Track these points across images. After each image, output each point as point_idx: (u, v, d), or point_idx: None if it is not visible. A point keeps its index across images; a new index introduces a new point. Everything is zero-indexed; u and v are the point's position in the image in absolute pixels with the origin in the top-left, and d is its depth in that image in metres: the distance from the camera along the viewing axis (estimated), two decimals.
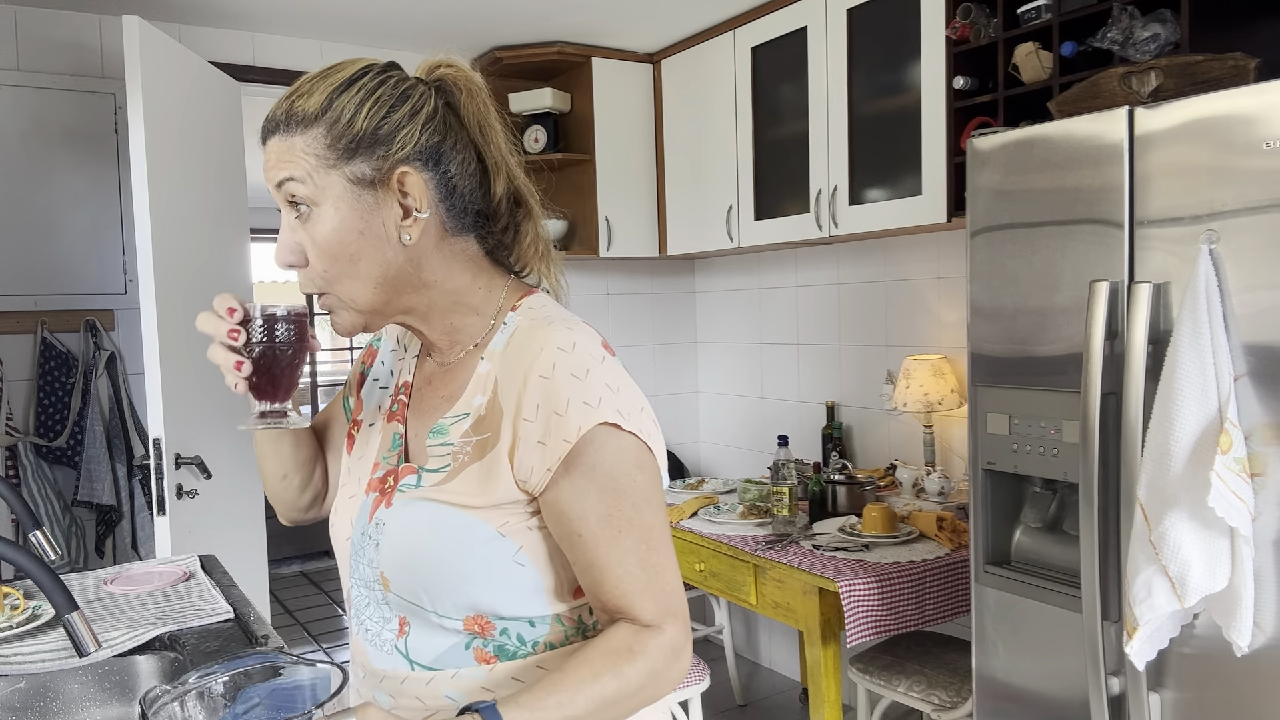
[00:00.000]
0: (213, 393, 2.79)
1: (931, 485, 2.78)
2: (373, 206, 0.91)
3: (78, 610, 1.08)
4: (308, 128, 0.90)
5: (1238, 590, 1.44)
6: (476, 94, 0.97)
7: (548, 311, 0.97)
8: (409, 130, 0.91)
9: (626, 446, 0.90)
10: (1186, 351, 1.46)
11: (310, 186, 0.90)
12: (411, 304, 0.96)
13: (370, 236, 0.91)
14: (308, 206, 0.91)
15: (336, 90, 0.90)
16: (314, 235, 0.91)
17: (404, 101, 0.92)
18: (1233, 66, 1.67)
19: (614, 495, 0.89)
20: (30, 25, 2.84)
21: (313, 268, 0.93)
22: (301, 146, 0.90)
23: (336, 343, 12.18)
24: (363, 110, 0.90)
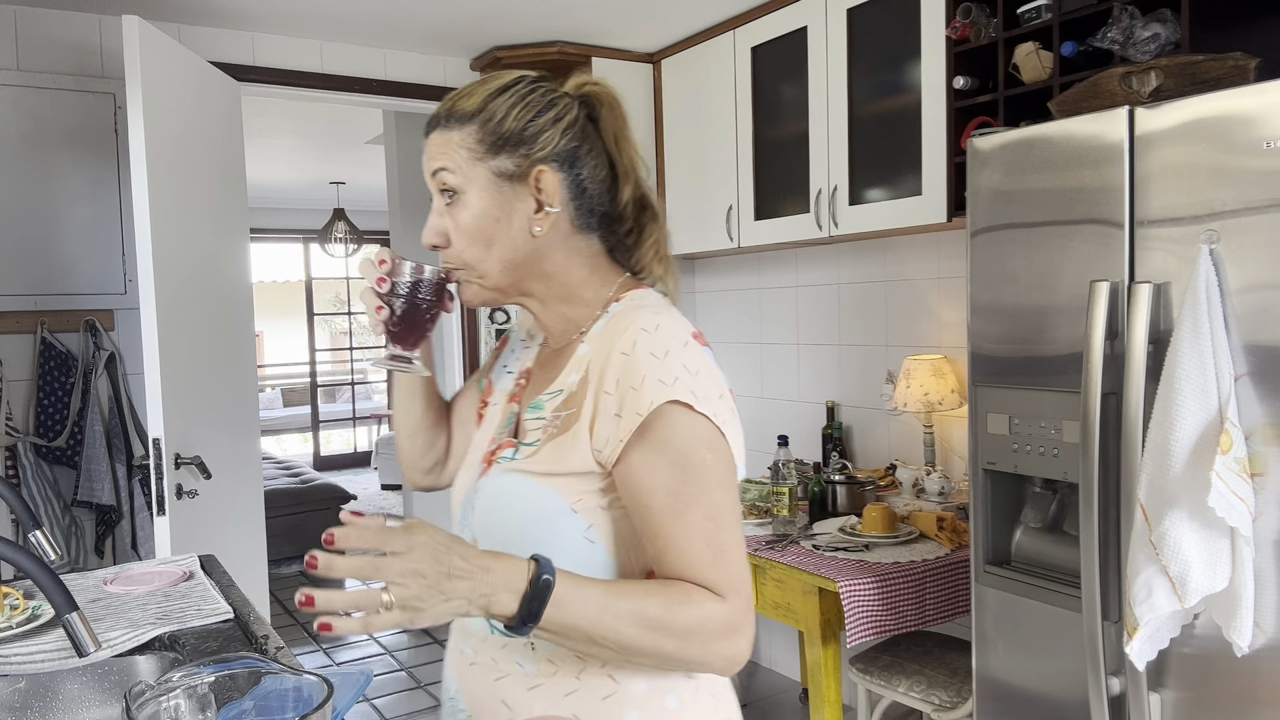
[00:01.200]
0: (213, 393, 2.79)
1: (931, 485, 2.78)
2: (511, 198, 1.01)
3: (77, 610, 1.08)
4: (464, 124, 1.01)
5: (1238, 590, 1.44)
6: (615, 109, 1.09)
7: (647, 300, 1.04)
8: (550, 134, 1.02)
9: (698, 426, 0.93)
10: (1187, 351, 1.45)
11: (459, 176, 1.01)
12: (532, 289, 1.06)
13: (505, 224, 1.01)
14: (455, 194, 1.02)
15: (493, 94, 1.02)
16: (458, 219, 1.02)
17: (550, 109, 1.03)
18: (1233, 66, 1.67)
19: (683, 471, 0.92)
20: (30, 25, 2.84)
21: (454, 248, 1.03)
22: (457, 140, 1.01)
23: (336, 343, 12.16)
24: (513, 113, 1.01)
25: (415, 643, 4.42)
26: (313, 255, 9.19)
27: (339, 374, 12.09)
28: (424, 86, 3.49)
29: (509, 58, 3.39)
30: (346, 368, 11.10)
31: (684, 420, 0.93)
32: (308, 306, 9.35)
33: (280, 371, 13.53)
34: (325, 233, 7.47)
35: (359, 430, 10.28)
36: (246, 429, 3.02)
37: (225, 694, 0.91)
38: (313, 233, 8.43)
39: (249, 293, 3.11)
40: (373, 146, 5.68)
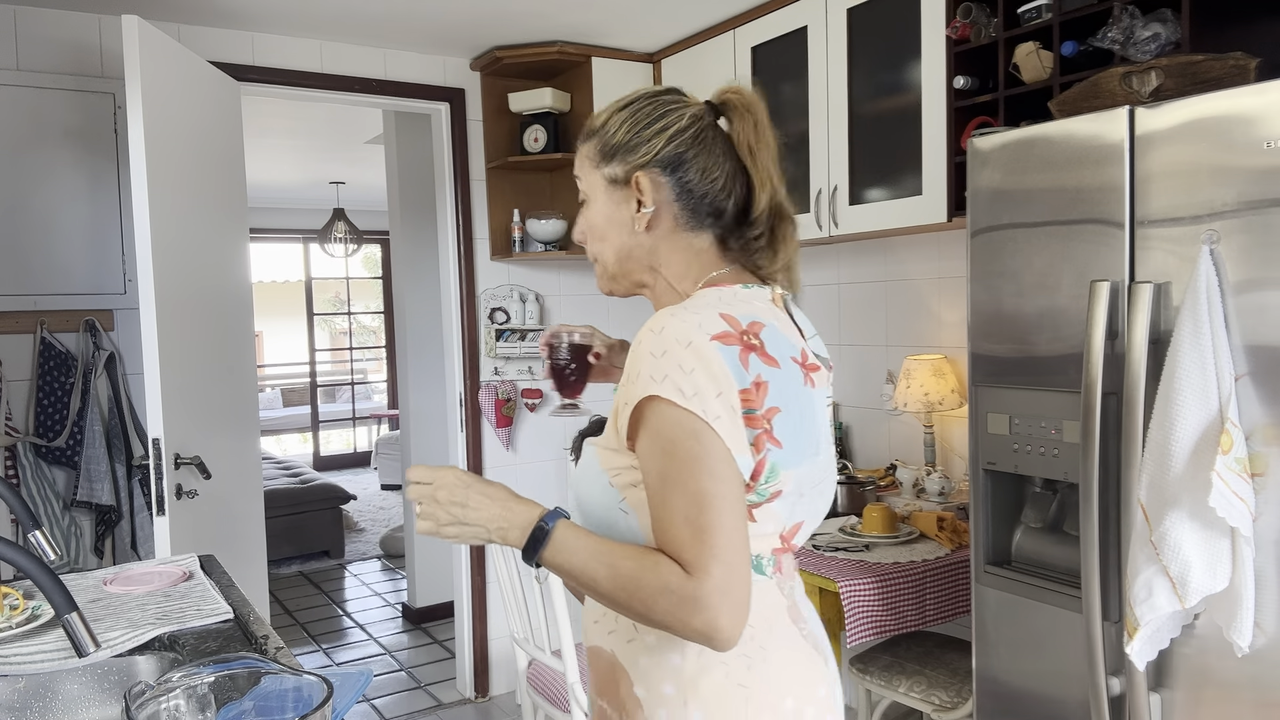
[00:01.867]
0: (212, 393, 2.79)
1: (932, 485, 2.78)
2: (619, 201, 1.19)
3: (77, 610, 1.08)
4: (589, 139, 1.22)
5: (1238, 590, 1.44)
6: (748, 117, 1.19)
7: (698, 301, 1.13)
8: (655, 143, 1.16)
9: (684, 419, 1.02)
10: (1187, 351, 1.45)
11: (585, 183, 1.23)
12: (643, 280, 1.23)
13: (615, 222, 1.20)
14: (584, 197, 1.23)
15: (615, 110, 1.21)
16: (586, 218, 1.23)
17: (660, 119, 1.17)
18: (1233, 66, 1.67)
19: (670, 458, 1.02)
20: (30, 25, 2.84)
21: (588, 243, 1.25)
22: (585, 153, 1.22)
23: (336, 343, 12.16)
24: (624, 126, 1.18)
25: (415, 643, 4.42)
26: (313, 255, 9.19)
27: (339, 374, 12.09)
28: (424, 86, 3.49)
29: (509, 57, 3.39)
30: (346, 368, 11.10)
31: (670, 414, 1.02)
32: (308, 306, 9.35)
33: (280, 371, 13.53)
34: (325, 233, 7.47)
35: (359, 430, 10.28)
36: (246, 429, 3.02)
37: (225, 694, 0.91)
38: (313, 233, 8.43)
39: (249, 293, 3.11)
40: (373, 146, 5.68)
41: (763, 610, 1.13)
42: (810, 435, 1.13)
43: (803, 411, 1.12)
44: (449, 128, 3.57)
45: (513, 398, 3.67)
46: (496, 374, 3.69)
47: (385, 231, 8.27)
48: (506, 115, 3.60)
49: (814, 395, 1.16)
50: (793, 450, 1.10)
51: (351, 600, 5.13)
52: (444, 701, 3.73)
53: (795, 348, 1.14)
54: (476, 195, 3.62)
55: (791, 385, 1.10)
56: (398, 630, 4.61)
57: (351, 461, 9.64)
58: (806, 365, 1.15)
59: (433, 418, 4.64)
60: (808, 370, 1.15)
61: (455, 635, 3.83)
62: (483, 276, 3.65)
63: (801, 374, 1.13)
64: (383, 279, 9.69)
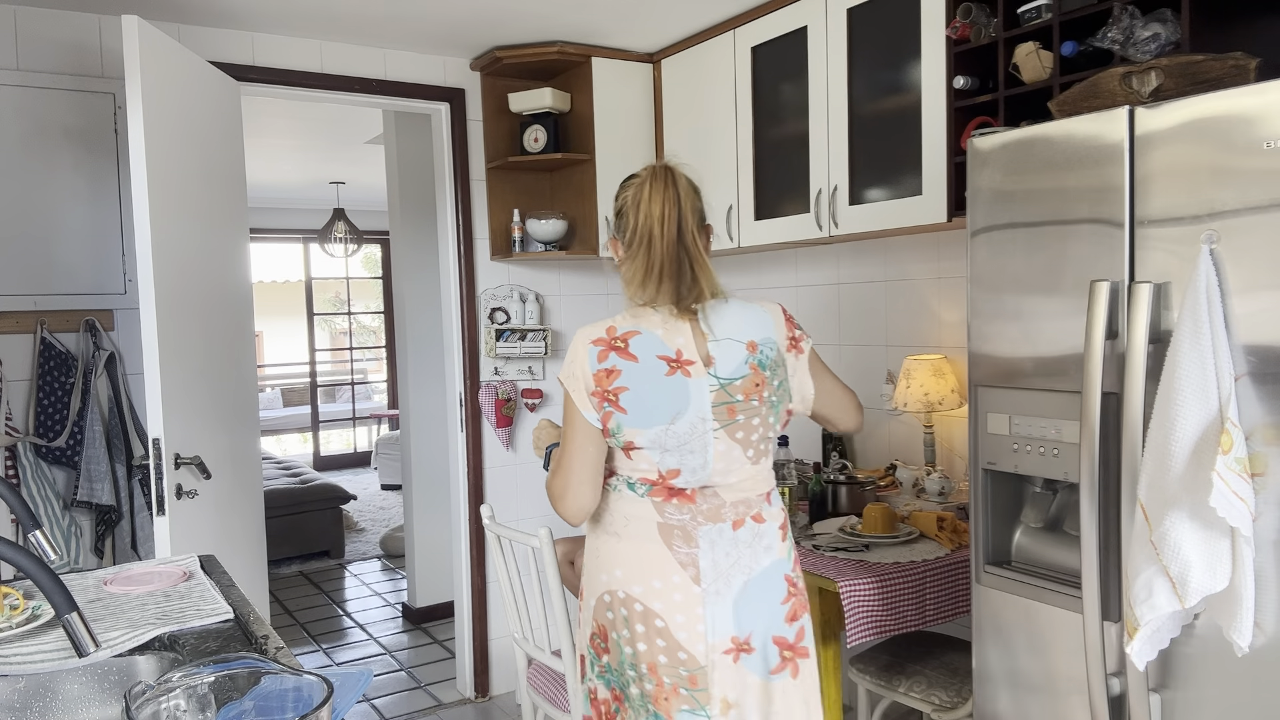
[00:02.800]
0: (213, 393, 2.79)
1: (932, 485, 2.78)
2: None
3: (77, 610, 1.08)
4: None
5: (1238, 590, 1.44)
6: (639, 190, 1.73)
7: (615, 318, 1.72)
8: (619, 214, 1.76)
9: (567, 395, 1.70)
10: (1187, 351, 1.45)
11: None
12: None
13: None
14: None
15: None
16: None
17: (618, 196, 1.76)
18: (1233, 66, 1.67)
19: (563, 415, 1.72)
20: (30, 25, 2.84)
21: None
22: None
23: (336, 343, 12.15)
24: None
25: (415, 643, 4.42)
26: (313, 255, 9.19)
27: (339, 374, 12.09)
28: (424, 86, 3.50)
29: (509, 57, 3.39)
30: (346, 368, 11.10)
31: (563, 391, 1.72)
32: (308, 306, 9.35)
33: (280, 371, 13.53)
34: (325, 233, 7.47)
35: (359, 430, 10.28)
36: (246, 429, 3.02)
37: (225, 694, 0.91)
38: (313, 233, 8.43)
39: (249, 292, 3.11)
40: (373, 146, 5.69)
41: (629, 513, 1.69)
42: (662, 409, 1.62)
43: (654, 392, 1.62)
44: (449, 128, 3.57)
45: (513, 397, 3.68)
46: (496, 374, 3.69)
47: (385, 231, 8.28)
48: (506, 115, 3.60)
49: (681, 382, 1.62)
50: (637, 417, 1.62)
51: (351, 600, 5.14)
52: (444, 701, 3.73)
53: (670, 349, 1.64)
54: (476, 195, 3.62)
55: (647, 373, 1.62)
56: (398, 630, 4.61)
57: (351, 461, 9.64)
58: (679, 362, 1.63)
59: (433, 418, 4.64)
60: (680, 365, 1.63)
61: (455, 635, 3.83)
62: (483, 276, 3.65)
63: (666, 367, 1.63)
64: (383, 279, 9.69)
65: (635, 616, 1.66)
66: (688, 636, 1.64)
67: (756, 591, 1.68)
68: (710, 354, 1.64)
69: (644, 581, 1.65)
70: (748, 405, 1.65)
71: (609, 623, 1.71)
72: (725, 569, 1.66)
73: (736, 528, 1.67)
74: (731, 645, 1.66)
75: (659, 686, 1.65)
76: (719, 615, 1.65)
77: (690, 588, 1.64)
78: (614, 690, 1.74)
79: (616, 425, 1.62)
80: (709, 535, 1.65)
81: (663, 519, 1.66)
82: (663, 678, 1.65)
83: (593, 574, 1.75)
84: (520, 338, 3.67)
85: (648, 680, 1.66)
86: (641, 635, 1.66)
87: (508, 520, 3.72)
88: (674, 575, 1.64)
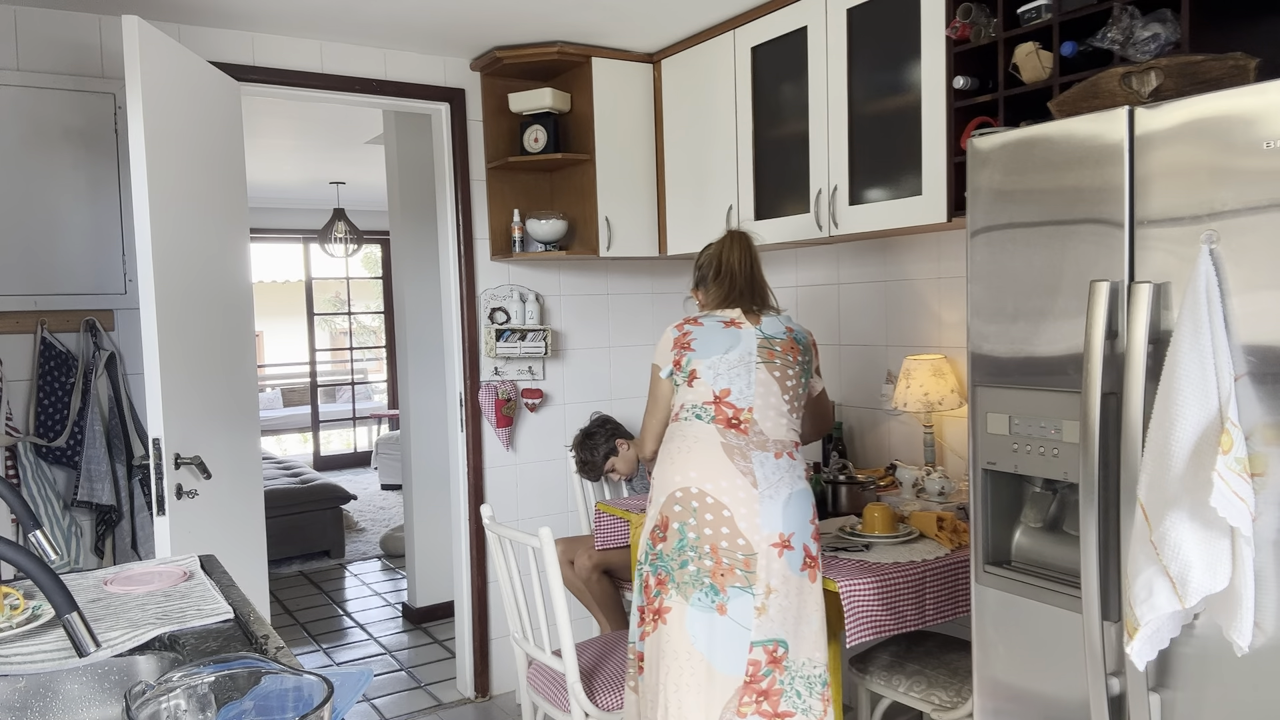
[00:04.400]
0: (213, 393, 2.79)
1: (931, 485, 2.78)
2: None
3: (77, 610, 1.08)
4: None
5: (1238, 590, 1.44)
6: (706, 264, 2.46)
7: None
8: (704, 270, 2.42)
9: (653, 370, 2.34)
10: (1187, 351, 1.45)
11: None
12: None
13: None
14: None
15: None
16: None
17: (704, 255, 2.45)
18: (1233, 66, 1.67)
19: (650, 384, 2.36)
20: (30, 25, 2.84)
21: None
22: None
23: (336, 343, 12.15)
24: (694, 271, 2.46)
25: (415, 643, 4.42)
26: (313, 255, 9.19)
27: (339, 374, 12.09)
28: (424, 86, 3.50)
29: (509, 58, 3.40)
30: (346, 368, 11.10)
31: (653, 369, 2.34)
32: (308, 306, 9.35)
33: (280, 371, 13.53)
34: (325, 233, 7.47)
35: (359, 430, 10.28)
36: (246, 429, 3.02)
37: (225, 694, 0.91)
38: (313, 233, 8.43)
39: (249, 293, 3.11)
40: (373, 146, 5.69)
41: (698, 434, 2.20)
42: (719, 344, 2.23)
43: (712, 337, 2.24)
44: (449, 128, 3.57)
45: (513, 397, 3.68)
46: (497, 374, 3.69)
47: (385, 231, 8.28)
48: (506, 115, 3.60)
49: (735, 331, 2.25)
50: (700, 351, 2.23)
51: (352, 600, 5.14)
52: (444, 701, 3.73)
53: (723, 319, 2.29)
54: (476, 195, 3.62)
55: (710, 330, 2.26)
56: (398, 630, 4.61)
57: (351, 461, 9.64)
58: (733, 322, 2.27)
59: (433, 418, 4.64)
60: (734, 323, 2.27)
61: (455, 635, 3.83)
62: (483, 276, 3.65)
63: (724, 324, 2.27)
64: (383, 279, 9.69)
65: (705, 507, 2.13)
66: (747, 526, 2.11)
67: (797, 503, 2.17)
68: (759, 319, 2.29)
69: (714, 480, 2.14)
70: (784, 357, 2.25)
71: (674, 514, 2.16)
72: (774, 481, 2.16)
73: (778, 457, 2.19)
74: (778, 540, 2.13)
75: (717, 564, 2.11)
76: (771, 513, 2.13)
77: (750, 489, 2.13)
78: (659, 575, 2.18)
79: (687, 360, 2.23)
80: (758, 458, 2.16)
81: (724, 440, 2.17)
82: (721, 558, 2.11)
83: (666, 476, 2.21)
84: (520, 338, 3.67)
85: (708, 558, 2.12)
86: (709, 522, 2.12)
87: (508, 520, 3.72)
88: (736, 479, 2.14)
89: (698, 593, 2.11)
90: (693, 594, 2.12)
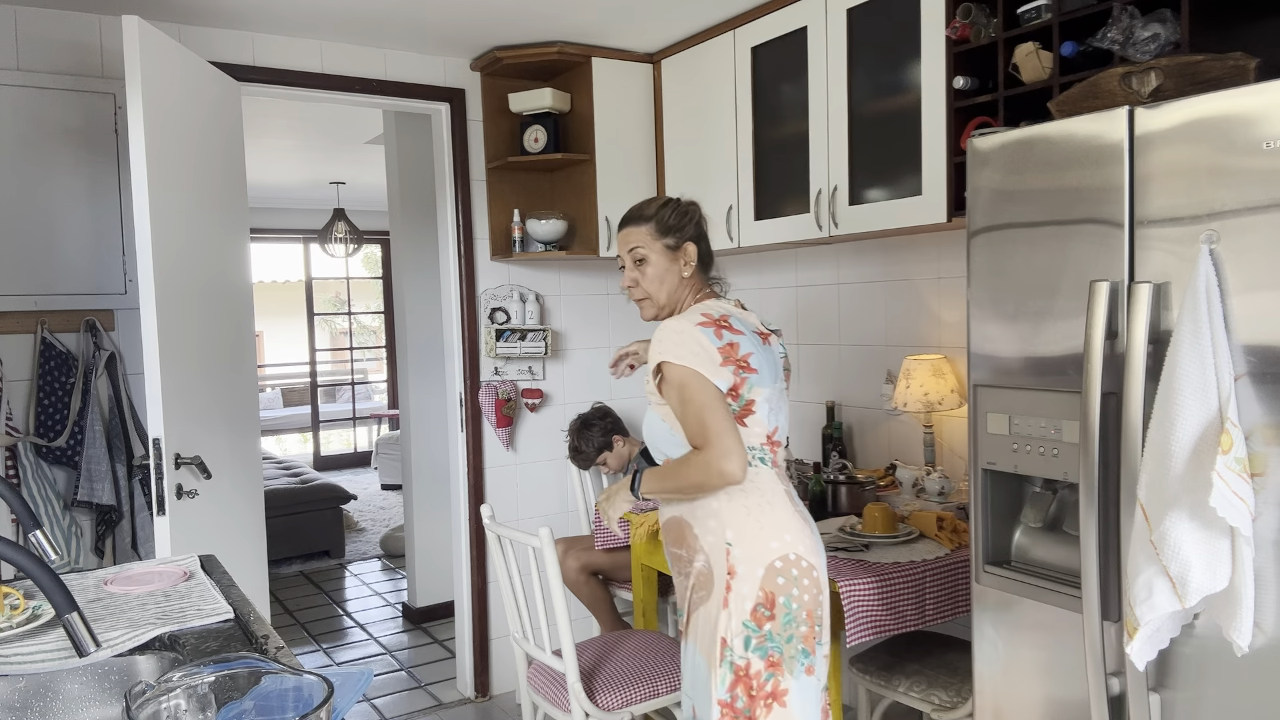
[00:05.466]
0: (213, 393, 2.79)
1: (931, 485, 2.78)
2: (671, 260, 2.00)
3: (77, 610, 1.08)
4: (645, 222, 2.00)
5: (1238, 590, 1.44)
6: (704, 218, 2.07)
7: (697, 308, 1.96)
8: (689, 228, 2.01)
9: (681, 370, 1.85)
10: (1187, 351, 1.45)
11: (648, 251, 1.99)
12: (674, 307, 2.02)
13: (669, 273, 2.00)
14: (645, 260, 1.99)
15: (660, 206, 2.02)
16: (647, 273, 2.00)
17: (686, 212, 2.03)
18: (1233, 66, 1.67)
19: (680, 387, 1.85)
20: (30, 25, 2.84)
21: (644, 288, 2.01)
22: (645, 231, 2.00)
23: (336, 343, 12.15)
24: (671, 216, 2.01)
25: (415, 643, 4.42)
26: (313, 255, 9.19)
27: (339, 374, 12.09)
28: (424, 86, 3.50)
29: (509, 58, 3.39)
30: (346, 368, 11.10)
31: (673, 370, 1.86)
32: (308, 306, 9.35)
33: (280, 371, 13.53)
34: (325, 233, 7.47)
35: (359, 430, 10.28)
36: (246, 429, 3.02)
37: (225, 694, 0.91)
38: (313, 233, 8.42)
39: (249, 293, 3.11)
40: (373, 146, 5.68)
41: (764, 486, 1.90)
42: (771, 370, 1.94)
43: (765, 356, 1.93)
44: (449, 128, 3.57)
45: (513, 397, 3.68)
46: (497, 374, 3.69)
47: (385, 231, 8.27)
48: (506, 115, 3.60)
49: (771, 349, 1.97)
50: (762, 376, 1.90)
51: (352, 600, 5.14)
52: (444, 701, 3.73)
53: (752, 326, 1.98)
54: (476, 195, 3.62)
55: (755, 343, 1.93)
56: (398, 630, 4.61)
57: (352, 461, 9.63)
58: (762, 333, 1.99)
59: (433, 418, 4.64)
60: (763, 336, 1.99)
61: (455, 635, 3.83)
62: (483, 276, 3.65)
63: (759, 339, 1.96)
64: (383, 279, 9.69)
65: (803, 572, 1.88)
66: (822, 576, 1.93)
67: None
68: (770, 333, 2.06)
69: (803, 540, 1.90)
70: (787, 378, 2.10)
71: (779, 588, 1.85)
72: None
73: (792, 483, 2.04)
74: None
75: (810, 629, 1.89)
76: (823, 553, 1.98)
77: (818, 536, 1.96)
78: (770, 657, 1.86)
79: (748, 386, 1.88)
80: (792, 492, 1.98)
81: (785, 487, 1.95)
82: (815, 622, 1.90)
83: (757, 545, 1.85)
84: (520, 338, 3.67)
85: (804, 624, 1.88)
86: (806, 587, 1.88)
87: (508, 520, 3.72)
88: (806, 526, 1.93)
89: (797, 662, 1.88)
90: (796, 667, 1.87)
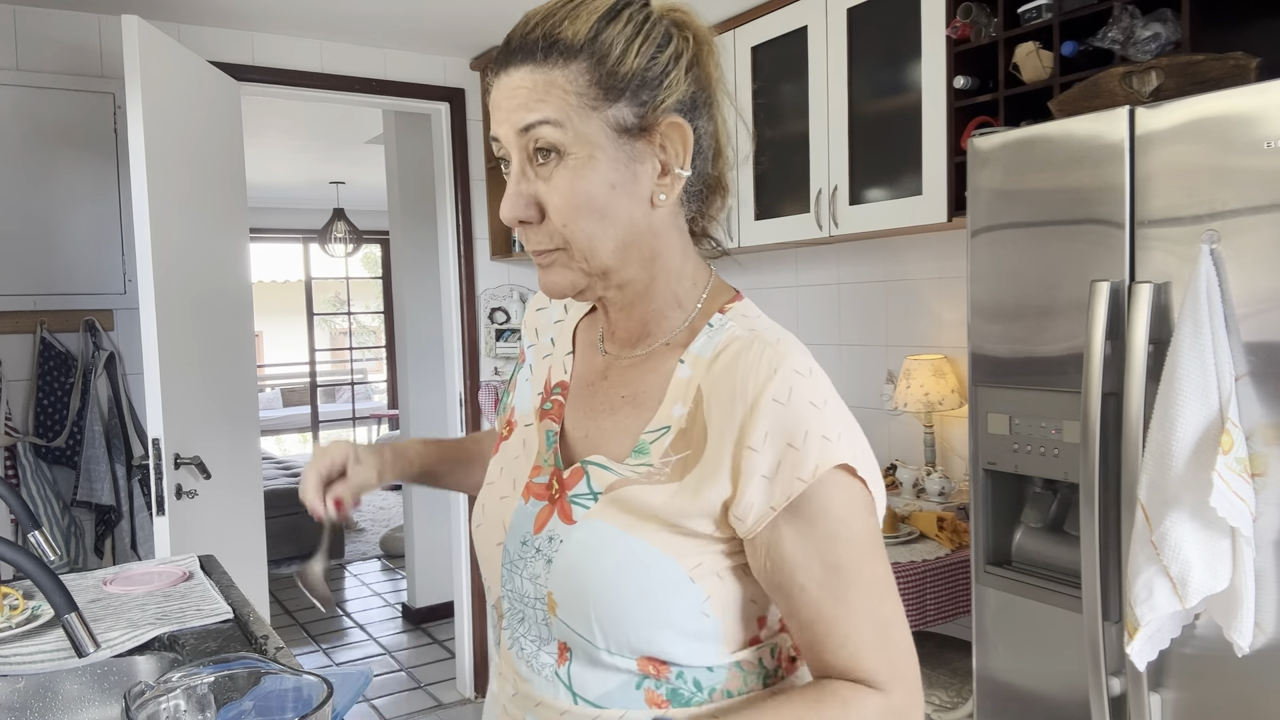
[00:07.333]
0: (212, 393, 2.79)
1: (932, 485, 2.78)
2: (630, 158, 0.78)
3: (77, 610, 1.08)
4: (570, 60, 0.76)
5: (1239, 590, 1.44)
6: (714, 52, 0.84)
7: (765, 323, 0.85)
8: (675, 76, 0.79)
9: (858, 491, 0.78)
10: (1187, 351, 1.45)
11: (567, 132, 0.76)
12: (632, 277, 0.83)
13: (622, 191, 0.78)
14: (558, 154, 0.77)
15: (603, 18, 0.77)
16: (560, 185, 0.77)
17: (669, 42, 0.79)
18: (1233, 66, 1.67)
19: (845, 543, 0.77)
20: (30, 25, 2.84)
21: (549, 223, 0.79)
22: (563, 83, 0.76)
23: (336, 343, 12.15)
24: (633, 46, 0.77)
25: (415, 643, 4.42)
26: (313, 255, 9.20)
27: (339, 374, 12.10)
28: (424, 86, 3.49)
29: None
30: (346, 368, 11.10)
31: (845, 485, 0.77)
32: (308, 306, 9.35)
33: (280, 371, 13.53)
34: (325, 233, 7.47)
35: (359, 430, 10.28)
36: (246, 429, 3.01)
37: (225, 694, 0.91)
38: (313, 233, 8.43)
39: (249, 293, 3.11)
40: (373, 146, 5.68)
41: None
42: None
43: None
44: (449, 128, 3.57)
45: None
46: (496, 374, 3.69)
47: (385, 231, 8.27)
48: None
49: None
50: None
51: (351, 600, 5.13)
52: (444, 701, 3.73)
53: None
54: (476, 195, 3.62)
55: None
56: (398, 630, 4.61)
57: None
58: None
59: (433, 418, 4.64)
60: None
61: (455, 635, 3.83)
62: (482, 276, 3.65)
63: None
64: (383, 279, 9.69)
65: None
66: None
67: None
68: None
69: None
70: None
71: None
72: None
73: None
74: None
75: None
76: None
77: None
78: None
79: None
80: None
81: None
82: None
83: None
84: (520, 337, 3.67)
85: None
86: None
87: None
88: None
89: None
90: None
